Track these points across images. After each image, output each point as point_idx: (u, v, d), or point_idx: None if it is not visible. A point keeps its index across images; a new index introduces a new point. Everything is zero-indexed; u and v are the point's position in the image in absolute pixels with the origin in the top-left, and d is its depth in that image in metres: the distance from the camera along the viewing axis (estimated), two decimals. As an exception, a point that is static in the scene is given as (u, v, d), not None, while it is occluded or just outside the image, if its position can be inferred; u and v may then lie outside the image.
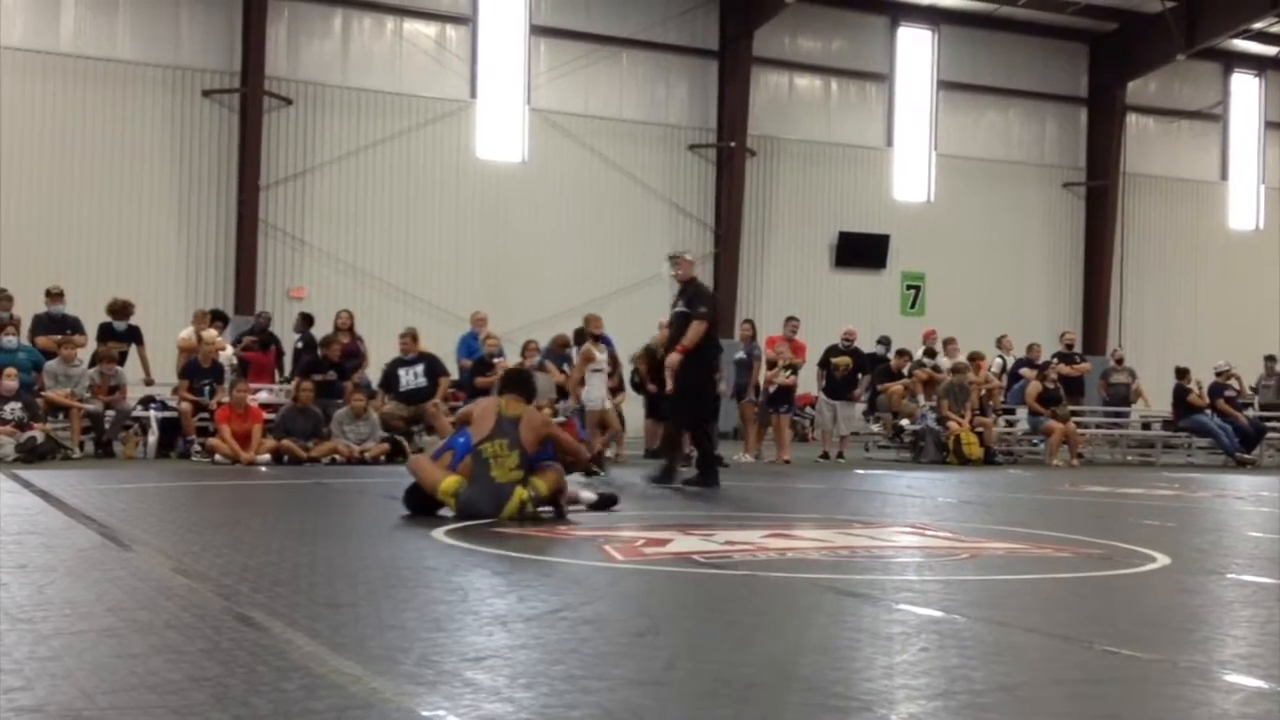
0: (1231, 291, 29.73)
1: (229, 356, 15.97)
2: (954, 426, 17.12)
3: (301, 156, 23.20)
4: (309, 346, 16.83)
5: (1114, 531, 8.05)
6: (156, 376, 15.75)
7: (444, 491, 7.62)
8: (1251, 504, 11.44)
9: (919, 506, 10.34)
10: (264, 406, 14.88)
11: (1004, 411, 19.33)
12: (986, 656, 3.79)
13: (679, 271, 11.55)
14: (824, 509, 9.69)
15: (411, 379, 15.19)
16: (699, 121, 26.01)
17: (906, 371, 18.79)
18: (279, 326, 19.16)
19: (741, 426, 17.81)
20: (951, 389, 17.54)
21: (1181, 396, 19.65)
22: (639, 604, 4.75)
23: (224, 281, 22.54)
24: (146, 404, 15.20)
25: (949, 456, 16.89)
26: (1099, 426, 20.72)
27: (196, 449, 14.38)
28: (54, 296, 15.56)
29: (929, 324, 22.20)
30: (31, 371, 14.56)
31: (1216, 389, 19.75)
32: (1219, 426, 19.24)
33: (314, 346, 16.52)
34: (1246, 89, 31.06)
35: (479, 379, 16.03)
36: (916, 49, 28.06)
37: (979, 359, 19.08)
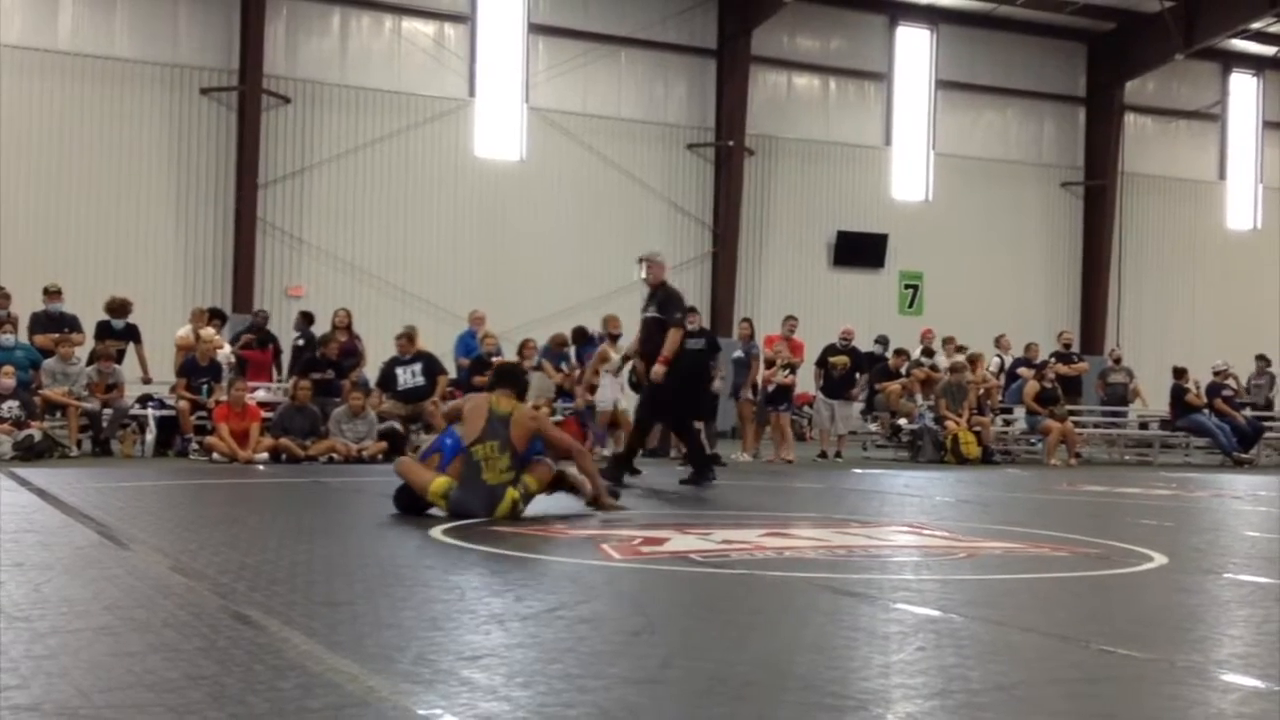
0: (1229, 291, 29.72)
1: (227, 355, 15.97)
2: (952, 426, 17.13)
3: (300, 155, 23.19)
4: (309, 345, 16.83)
5: (1111, 531, 8.06)
6: (154, 375, 15.76)
7: (434, 492, 7.59)
8: (1249, 503, 11.45)
9: (916, 506, 10.34)
10: (262, 405, 14.89)
11: (1002, 411, 19.34)
12: (983, 655, 3.79)
13: (650, 275, 11.39)
14: (821, 508, 9.69)
15: (409, 378, 15.18)
16: (697, 120, 26.00)
17: (904, 371, 18.82)
18: (277, 325, 19.14)
19: (739, 425, 17.81)
20: (949, 388, 17.55)
21: (1179, 396, 19.66)
22: (636, 603, 4.75)
23: (222, 280, 22.52)
24: (144, 402, 15.21)
25: (946, 456, 16.91)
26: (1096, 426, 20.73)
27: (194, 447, 14.38)
28: (52, 294, 15.55)
29: (927, 323, 22.22)
30: (29, 369, 14.56)
31: (1214, 389, 19.76)
32: (1216, 426, 19.26)
33: (314, 345, 16.52)
34: (1245, 89, 31.04)
35: (477, 378, 16.02)
36: (915, 48, 28.06)
37: (977, 358, 19.08)
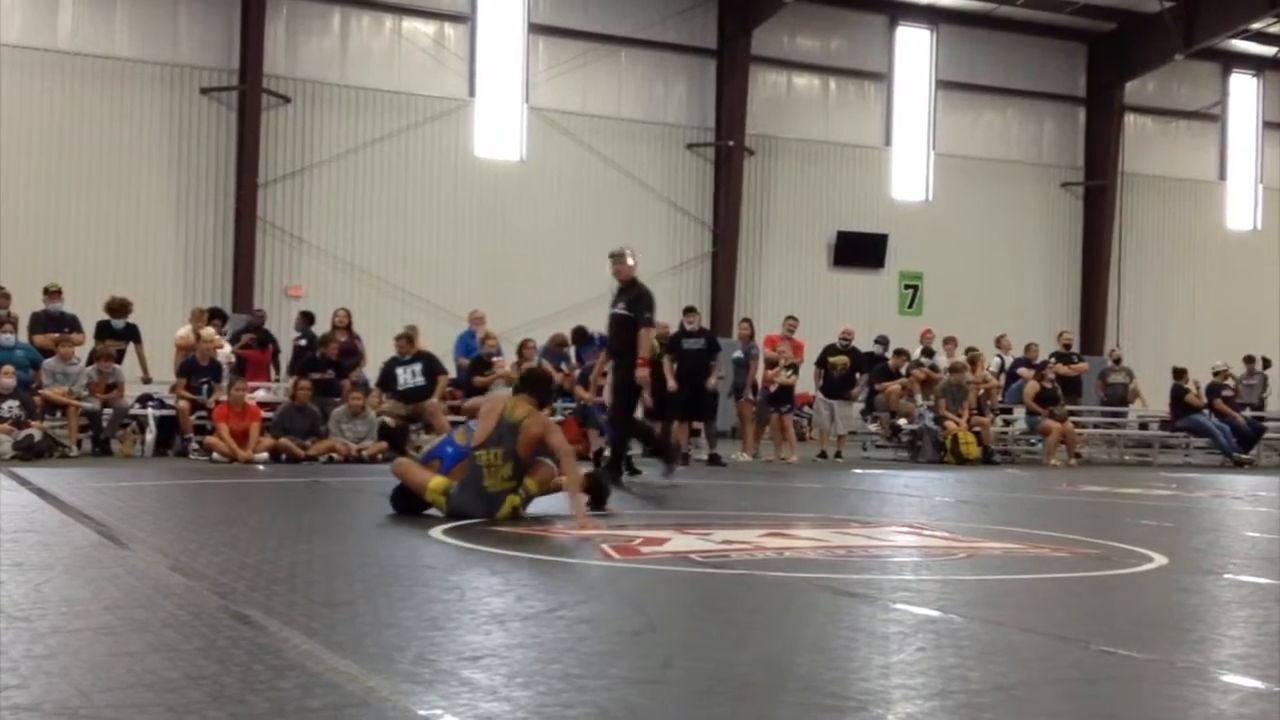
0: (1229, 292, 29.71)
1: (227, 355, 15.97)
2: (951, 426, 17.13)
3: (300, 154, 23.18)
4: (311, 345, 16.82)
5: (1111, 531, 8.06)
6: (154, 374, 15.76)
7: (433, 490, 7.56)
8: (1249, 504, 11.45)
9: (916, 506, 10.34)
10: (261, 405, 14.88)
11: (1002, 411, 19.34)
12: (983, 656, 3.79)
13: (620, 271, 11.14)
14: (821, 508, 9.69)
15: (409, 378, 15.17)
16: (697, 120, 26.00)
17: (904, 371, 18.82)
18: (278, 325, 19.14)
19: (739, 425, 17.82)
20: (949, 388, 17.55)
21: (1179, 396, 19.65)
22: (636, 603, 4.75)
23: (222, 279, 22.51)
24: (144, 402, 15.21)
25: (946, 456, 16.91)
26: (1096, 426, 20.72)
27: (194, 447, 14.38)
28: (52, 294, 15.54)
29: (927, 323, 22.22)
30: (29, 369, 14.56)
31: (1214, 389, 19.76)
32: (1216, 426, 19.26)
33: (316, 345, 16.52)
34: (1245, 89, 31.03)
35: (477, 378, 16.05)
36: (915, 48, 28.05)
37: (977, 357, 19.08)
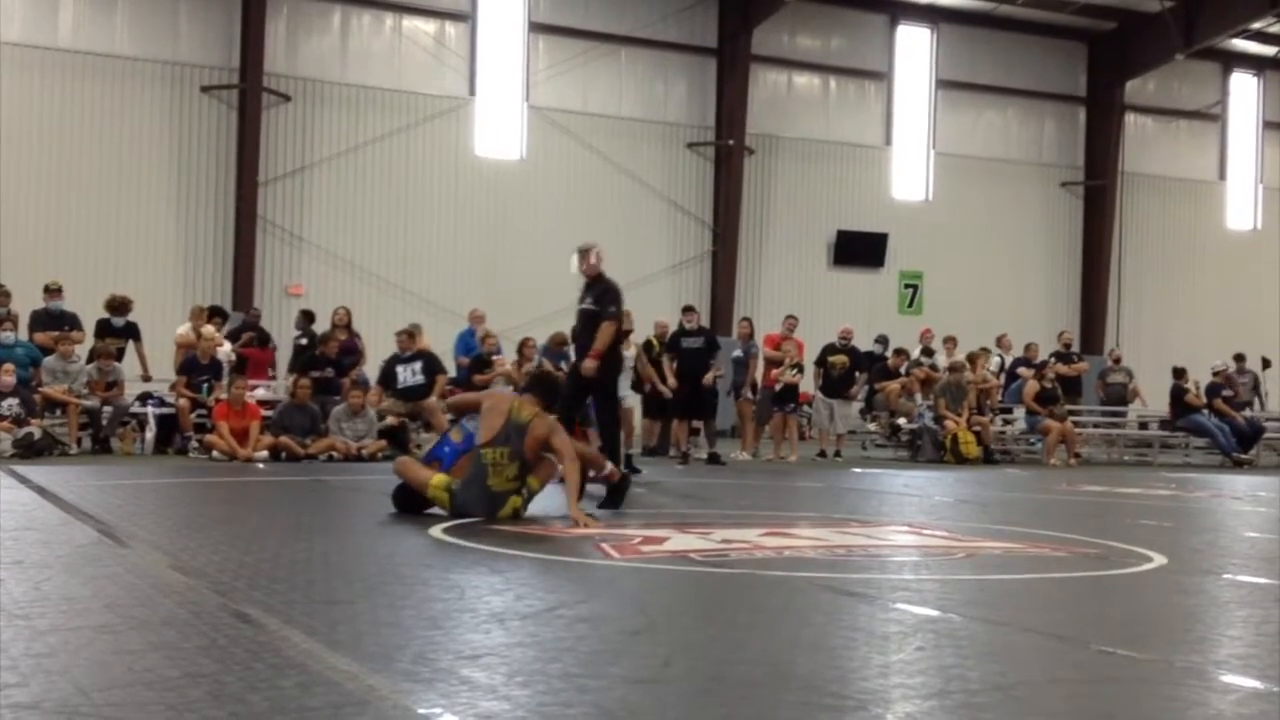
0: (1229, 291, 29.71)
1: (227, 353, 15.97)
2: (951, 425, 17.13)
3: (300, 153, 23.18)
4: (311, 343, 16.82)
5: (1111, 531, 8.06)
6: (154, 373, 15.76)
7: (435, 487, 7.53)
8: (1248, 504, 11.45)
9: (916, 505, 10.35)
10: (261, 403, 14.89)
11: (1001, 411, 19.33)
12: (982, 656, 3.79)
13: (586, 266, 10.89)
14: (821, 507, 9.69)
15: (409, 376, 15.17)
16: (697, 119, 25.99)
17: (904, 370, 18.82)
18: (277, 323, 19.14)
19: (739, 424, 17.82)
20: (948, 388, 17.55)
21: (1179, 396, 19.64)
22: (636, 602, 4.75)
23: (222, 278, 22.51)
24: (144, 400, 15.21)
25: (946, 455, 16.91)
26: (1096, 426, 20.72)
27: (194, 445, 14.39)
28: (52, 292, 15.55)
29: (927, 323, 22.22)
30: (29, 367, 14.56)
31: (1214, 389, 19.75)
32: (1216, 426, 19.25)
33: (316, 343, 16.51)
34: (1245, 89, 31.05)
35: (476, 376, 16.05)
36: (915, 47, 28.05)
37: (977, 358, 19.07)
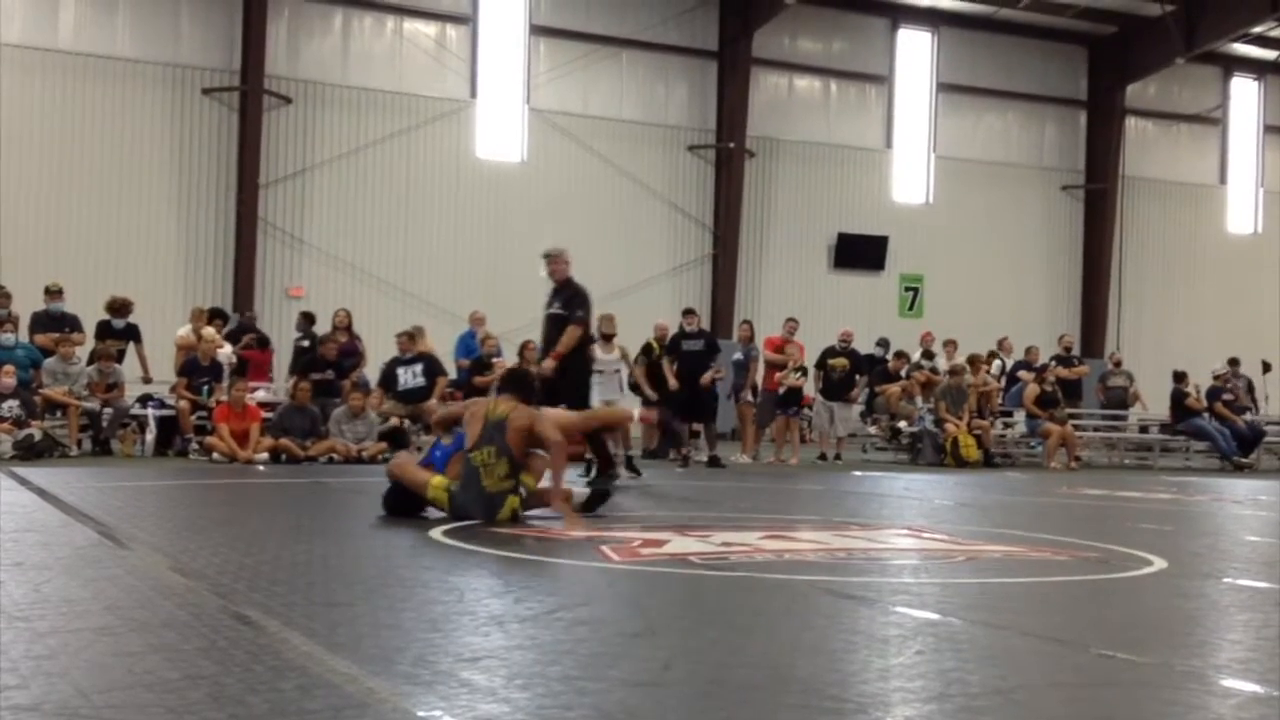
0: (1230, 295, 29.71)
1: (228, 355, 15.97)
2: (951, 429, 17.13)
3: (301, 155, 23.19)
4: (312, 345, 16.82)
5: (1111, 535, 8.05)
6: (155, 375, 15.75)
7: (435, 488, 7.55)
8: (1248, 508, 11.45)
9: (916, 509, 10.35)
10: (261, 405, 14.89)
11: (1002, 414, 19.33)
12: (982, 659, 3.79)
13: (554, 271, 10.91)
14: (821, 510, 9.68)
15: (410, 378, 15.18)
16: (698, 122, 26.00)
17: (904, 373, 18.82)
18: (277, 325, 19.13)
19: (739, 427, 17.81)
20: (948, 391, 17.55)
21: (1179, 400, 19.65)
22: (635, 605, 4.75)
23: (223, 280, 22.51)
24: (144, 402, 15.20)
25: (946, 459, 16.91)
26: (1097, 429, 20.71)
27: (194, 447, 14.39)
28: (53, 294, 15.55)
29: (927, 326, 22.22)
30: (30, 369, 14.56)
31: (1214, 393, 19.75)
32: (1217, 430, 19.25)
33: (317, 345, 16.51)
34: (1246, 93, 31.06)
35: (477, 378, 16.04)
36: (916, 51, 28.06)
37: (978, 361, 19.07)
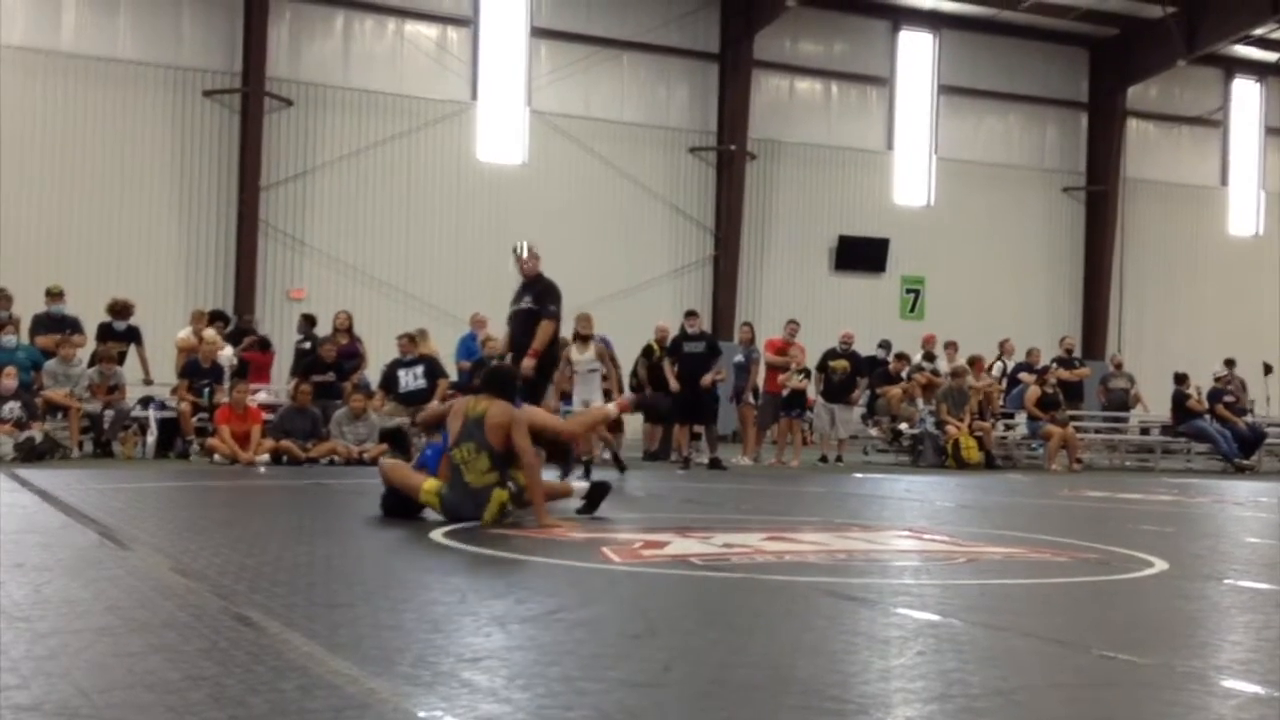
0: (1231, 297, 29.71)
1: (228, 357, 15.98)
2: (952, 430, 17.13)
3: (302, 157, 23.20)
4: (313, 347, 16.81)
5: (1112, 536, 8.05)
6: (156, 376, 15.76)
7: (427, 491, 7.56)
8: (1249, 509, 11.44)
9: (917, 510, 10.34)
10: (263, 407, 14.89)
11: (1003, 416, 19.33)
12: (983, 661, 3.78)
13: (525, 266, 10.86)
14: (822, 512, 9.68)
15: (411, 380, 15.19)
16: (699, 124, 26.01)
17: (905, 375, 18.82)
18: (278, 327, 19.13)
19: (740, 429, 17.81)
20: (950, 393, 17.55)
21: (1180, 402, 19.65)
22: (636, 606, 4.75)
23: (224, 282, 22.52)
24: (145, 404, 15.21)
25: (948, 460, 16.91)
26: (1098, 431, 20.71)
27: (195, 449, 14.39)
28: (54, 296, 15.56)
29: (928, 328, 22.22)
30: (30, 371, 14.57)
31: (1215, 394, 19.76)
32: (1218, 432, 19.25)
33: (318, 347, 16.50)
34: (1247, 95, 31.07)
35: (478, 380, 16.02)
36: (917, 53, 28.07)
37: (978, 359, 19.08)
